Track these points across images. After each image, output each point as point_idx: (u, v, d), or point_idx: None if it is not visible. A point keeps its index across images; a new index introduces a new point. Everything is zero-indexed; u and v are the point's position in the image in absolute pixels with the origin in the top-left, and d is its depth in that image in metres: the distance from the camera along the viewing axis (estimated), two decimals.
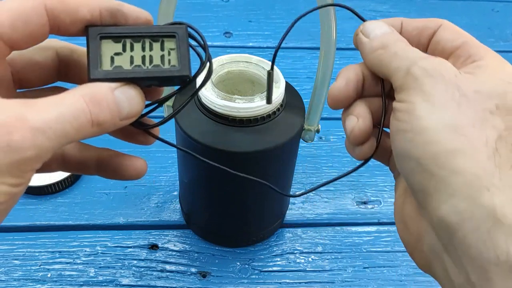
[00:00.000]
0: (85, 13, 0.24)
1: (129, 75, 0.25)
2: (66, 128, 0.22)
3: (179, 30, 0.26)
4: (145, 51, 0.25)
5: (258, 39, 0.75)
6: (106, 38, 0.25)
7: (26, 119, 0.20)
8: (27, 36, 0.23)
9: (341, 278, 0.47)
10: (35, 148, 0.21)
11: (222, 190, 0.44)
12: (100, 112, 0.23)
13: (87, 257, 0.47)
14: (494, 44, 0.79)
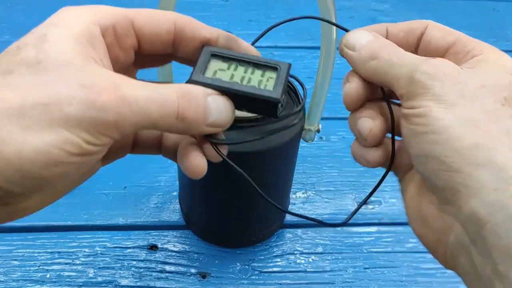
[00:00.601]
0: (206, 33, 0.27)
1: (224, 85, 0.26)
2: (151, 110, 0.23)
3: (283, 65, 0.28)
4: (246, 73, 0.27)
5: None
6: (217, 56, 0.27)
7: (119, 88, 0.22)
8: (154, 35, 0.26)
9: (342, 279, 0.47)
10: (118, 115, 0.22)
11: (222, 190, 0.43)
12: (188, 108, 0.24)
13: (86, 257, 0.47)
14: (495, 43, 0.77)
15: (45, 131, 0.21)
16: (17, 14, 0.76)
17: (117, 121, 0.22)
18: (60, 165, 0.22)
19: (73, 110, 0.21)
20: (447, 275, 0.48)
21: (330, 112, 0.64)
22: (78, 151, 0.22)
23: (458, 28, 0.31)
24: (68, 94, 0.21)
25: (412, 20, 0.30)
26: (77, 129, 0.21)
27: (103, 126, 0.22)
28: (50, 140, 0.21)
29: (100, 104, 0.22)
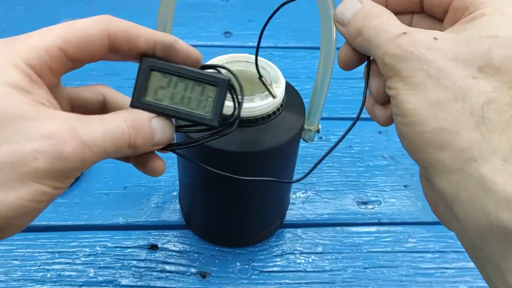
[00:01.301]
0: (142, 43, 0.27)
1: (166, 110, 0.28)
2: (108, 146, 0.25)
3: (222, 82, 0.28)
4: (186, 92, 0.28)
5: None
6: (156, 70, 0.28)
7: (78, 133, 0.23)
8: (88, 55, 0.26)
9: (341, 279, 0.47)
10: (81, 160, 0.23)
11: (222, 190, 0.43)
12: (138, 136, 0.26)
13: (86, 257, 0.47)
14: None
15: (16, 188, 0.22)
16: (18, 15, 0.76)
17: (81, 165, 0.24)
18: (33, 212, 0.23)
19: (40, 164, 0.22)
20: (446, 274, 0.48)
21: (330, 112, 0.64)
22: (48, 197, 0.23)
23: None
24: (32, 149, 0.22)
25: None
26: (46, 179, 0.23)
27: (69, 172, 0.24)
28: (22, 195, 0.22)
29: (66, 155, 0.23)
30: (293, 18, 0.80)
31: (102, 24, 0.26)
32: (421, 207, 0.54)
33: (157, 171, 0.30)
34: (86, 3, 0.79)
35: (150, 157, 0.30)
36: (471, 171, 0.23)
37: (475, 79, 0.23)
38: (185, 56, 0.28)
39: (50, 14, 0.76)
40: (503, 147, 0.22)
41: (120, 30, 0.27)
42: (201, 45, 0.73)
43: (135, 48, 0.27)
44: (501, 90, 0.23)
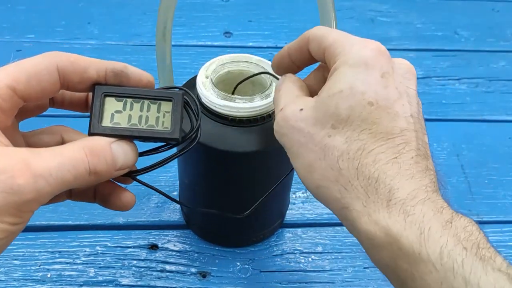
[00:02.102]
0: (93, 73, 0.27)
1: (125, 132, 0.28)
2: (66, 175, 0.24)
3: (176, 96, 0.29)
4: (142, 111, 0.28)
5: (258, 39, 0.75)
6: (110, 96, 0.28)
7: (30, 165, 0.23)
8: (39, 92, 0.26)
9: (341, 278, 0.47)
10: (36, 192, 0.23)
11: (222, 190, 0.44)
12: (98, 163, 0.26)
13: (87, 257, 0.47)
14: (494, 44, 0.79)
15: None
16: (18, 15, 0.76)
17: (37, 197, 0.23)
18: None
19: None
20: None
21: None
22: (5, 234, 0.23)
23: (458, 28, 0.32)
24: None
25: (406, 20, 0.31)
26: (1, 216, 0.22)
27: (24, 206, 0.23)
28: None
29: (18, 188, 0.22)
30: (293, 18, 0.80)
31: (50, 59, 0.26)
32: None
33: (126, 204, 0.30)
34: (86, 3, 0.79)
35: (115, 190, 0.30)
36: (347, 217, 0.27)
37: (330, 137, 0.27)
38: (137, 80, 0.28)
39: (50, 14, 0.76)
40: (360, 193, 0.26)
41: (69, 63, 0.26)
42: (201, 45, 0.73)
43: (87, 78, 0.27)
44: (351, 139, 0.27)
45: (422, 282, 0.24)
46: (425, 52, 0.76)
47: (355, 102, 0.27)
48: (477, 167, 0.59)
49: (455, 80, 0.72)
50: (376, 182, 0.26)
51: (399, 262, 0.24)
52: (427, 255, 0.23)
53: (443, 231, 0.24)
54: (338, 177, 0.27)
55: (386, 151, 0.26)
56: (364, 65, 0.27)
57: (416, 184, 0.26)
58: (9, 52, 0.68)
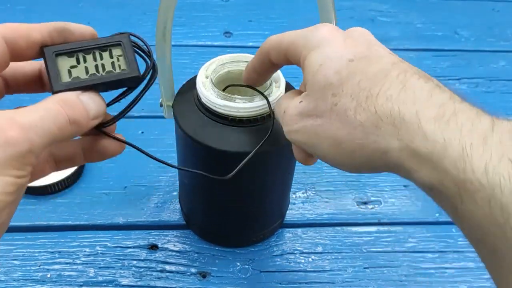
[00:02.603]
0: (37, 35, 0.28)
1: (87, 83, 0.28)
2: (50, 126, 0.25)
3: (124, 39, 0.30)
4: (96, 61, 0.29)
5: (258, 39, 0.75)
6: (61, 54, 0.28)
7: (16, 120, 0.24)
8: None
9: (341, 279, 0.47)
10: (29, 142, 0.24)
11: (222, 190, 0.43)
12: (74, 113, 0.26)
13: (86, 257, 0.47)
14: (495, 44, 0.79)
15: None
16: (18, 15, 0.76)
17: (31, 148, 0.24)
18: (6, 207, 0.24)
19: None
20: (446, 274, 0.48)
21: None
22: (14, 188, 0.24)
23: (458, 27, 0.32)
24: None
25: (407, 19, 0.32)
26: (5, 170, 0.23)
27: (23, 157, 0.24)
28: None
29: (12, 140, 0.23)
30: (293, 18, 0.80)
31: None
32: (421, 207, 0.54)
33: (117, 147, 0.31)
34: (86, 3, 0.79)
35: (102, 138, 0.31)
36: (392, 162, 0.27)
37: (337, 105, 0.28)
38: (80, 34, 0.29)
39: (50, 14, 0.76)
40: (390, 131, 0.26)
41: (11, 30, 0.27)
42: (201, 45, 0.73)
43: (33, 42, 0.28)
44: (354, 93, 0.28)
45: (471, 201, 0.23)
46: (425, 52, 0.76)
47: (338, 66, 0.28)
48: None
49: (455, 80, 0.72)
50: (399, 114, 0.26)
51: (446, 184, 0.24)
52: (473, 172, 0.23)
53: (485, 144, 0.23)
54: (364, 132, 0.27)
55: (391, 86, 0.27)
56: (325, 40, 0.30)
57: (439, 99, 0.26)
58: None
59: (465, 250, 0.50)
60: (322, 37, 0.30)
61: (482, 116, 0.25)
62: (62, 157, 0.31)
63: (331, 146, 0.29)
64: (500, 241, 0.23)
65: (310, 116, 0.30)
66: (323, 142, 0.29)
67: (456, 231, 0.52)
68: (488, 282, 0.47)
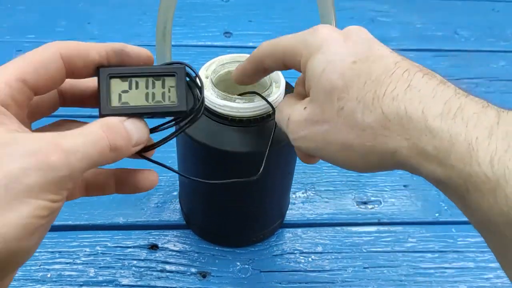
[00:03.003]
0: (95, 55, 0.28)
1: (135, 110, 0.28)
2: (91, 151, 0.25)
3: (178, 70, 0.30)
4: (148, 89, 0.29)
5: (258, 39, 0.75)
6: (115, 77, 0.28)
7: (60, 144, 0.24)
8: (48, 81, 0.27)
9: (341, 278, 0.47)
10: (69, 167, 0.24)
11: (222, 190, 0.43)
12: (116, 139, 0.26)
13: (87, 257, 0.47)
14: (494, 44, 0.79)
15: (15, 208, 0.23)
16: (18, 15, 0.76)
17: (70, 173, 0.24)
18: (37, 230, 0.24)
19: (32, 179, 0.23)
20: (446, 274, 0.48)
21: None
22: (48, 212, 0.24)
23: (458, 28, 0.32)
24: (21, 167, 0.23)
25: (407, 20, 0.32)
26: (42, 193, 0.23)
27: (61, 182, 0.24)
28: (22, 214, 0.23)
29: (53, 164, 0.23)
30: (294, 18, 0.80)
31: (52, 47, 0.27)
32: (421, 207, 0.54)
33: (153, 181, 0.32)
34: (86, 3, 0.79)
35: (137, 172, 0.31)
36: (402, 161, 0.27)
37: (343, 109, 0.28)
38: (137, 57, 0.29)
39: (50, 14, 0.76)
40: (399, 131, 0.26)
41: (71, 48, 0.27)
42: (201, 45, 0.73)
43: (90, 62, 0.28)
44: (360, 96, 0.27)
45: (477, 192, 0.24)
46: (425, 52, 0.76)
47: (341, 69, 0.28)
48: None
49: (455, 80, 0.71)
50: (406, 113, 0.26)
51: (453, 178, 0.24)
52: (478, 165, 0.23)
53: (491, 137, 0.24)
54: (373, 133, 0.27)
55: (397, 86, 0.27)
56: (325, 43, 0.29)
57: (444, 95, 0.26)
58: (9, 52, 0.68)
59: (465, 250, 0.50)
60: (322, 39, 0.30)
61: (487, 109, 0.25)
62: (93, 185, 0.31)
63: (341, 150, 0.29)
64: (505, 228, 0.23)
65: (317, 122, 0.29)
66: (332, 147, 0.29)
67: (456, 231, 0.52)
68: (488, 282, 0.47)
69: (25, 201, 0.23)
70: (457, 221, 0.53)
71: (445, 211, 0.54)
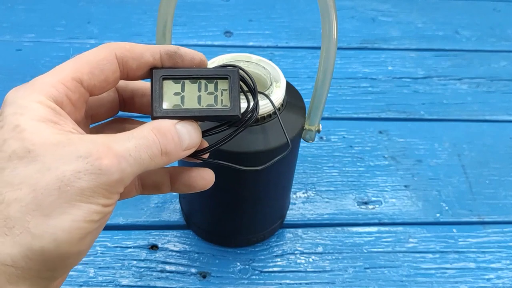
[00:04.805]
0: (149, 57, 0.28)
1: (186, 113, 0.28)
2: (142, 155, 0.25)
3: (232, 73, 0.29)
4: (201, 91, 0.29)
5: (259, 38, 0.75)
6: (168, 79, 0.28)
7: (112, 148, 0.24)
8: (103, 81, 0.27)
9: (342, 279, 0.47)
10: (120, 171, 0.24)
11: (222, 190, 0.43)
12: (167, 143, 0.26)
13: (86, 257, 0.47)
14: (496, 44, 0.79)
15: (68, 212, 0.23)
16: (18, 14, 0.76)
17: (121, 177, 0.24)
18: (89, 234, 0.24)
19: (84, 183, 0.23)
20: (447, 275, 0.48)
21: (330, 112, 0.64)
22: (100, 216, 0.24)
23: (459, 27, 0.32)
24: (73, 170, 0.23)
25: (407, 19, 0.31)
26: (93, 197, 0.23)
27: (112, 186, 0.24)
28: (75, 217, 0.23)
29: (105, 169, 0.23)
30: (294, 18, 0.80)
31: (107, 48, 0.27)
32: (422, 207, 0.54)
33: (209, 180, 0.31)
34: (86, 3, 0.79)
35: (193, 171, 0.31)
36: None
37: None
38: (190, 60, 0.29)
39: (50, 14, 0.76)
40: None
41: (125, 50, 0.27)
42: (201, 44, 0.73)
43: (144, 63, 0.28)
44: None
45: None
46: (426, 52, 0.76)
47: None
48: (478, 167, 0.59)
49: (456, 80, 0.72)
50: None
51: None
52: None
53: None
54: None
55: None
56: None
57: None
58: (9, 51, 0.68)
59: (466, 250, 0.50)
60: None
61: None
62: (149, 183, 0.31)
63: None
64: None
65: None
66: None
67: (457, 232, 0.52)
68: (489, 282, 0.47)
69: (77, 205, 0.23)
70: (458, 221, 0.53)
71: (446, 211, 0.54)
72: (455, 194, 0.56)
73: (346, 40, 0.76)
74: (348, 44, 0.75)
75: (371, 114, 0.65)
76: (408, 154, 0.60)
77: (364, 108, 0.66)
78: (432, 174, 0.58)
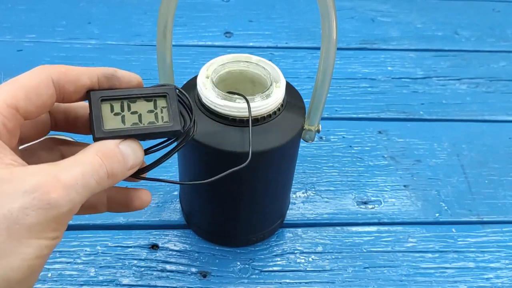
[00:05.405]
0: (86, 80, 0.28)
1: (128, 132, 0.28)
2: (90, 182, 0.25)
3: (170, 91, 0.30)
4: (140, 110, 0.29)
5: (259, 39, 0.75)
6: (106, 100, 0.28)
7: (59, 179, 0.23)
8: (39, 106, 0.26)
9: (342, 278, 0.47)
10: (70, 202, 0.23)
11: (222, 190, 0.44)
12: (113, 165, 0.26)
13: (87, 256, 0.47)
14: (495, 44, 0.79)
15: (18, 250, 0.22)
16: (18, 14, 0.76)
17: (71, 208, 0.24)
18: (39, 268, 0.24)
19: (33, 219, 0.22)
20: (446, 274, 0.48)
21: (330, 112, 0.64)
22: (49, 250, 0.23)
23: (459, 28, 0.32)
24: (20, 207, 0.22)
25: (407, 20, 0.31)
26: (43, 232, 0.23)
27: (62, 218, 0.23)
28: (25, 256, 0.22)
29: (54, 202, 0.23)
30: (294, 18, 0.80)
31: (43, 72, 0.26)
32: (421, 207, 0.54)
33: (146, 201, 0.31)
34: (86, 3, 0.79)
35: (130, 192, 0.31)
36: None
37: None
38: (127, 82, 0.29)
39: (50, 14, 0.76)
40: None
41: (61, 73, 0.27)
42: (201, 45, 0.73)
43: (81, 86, 0.28)
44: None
45: None
46: (425, 52, 0.76)
47: None
48: (477, 167, 0.59)
49: (455, 80, 0.72)
50: None
51: None
52: None
53: None
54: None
55: None
56: None
57: None
58: (10, 52, 0.68)
59: (465, 250, 0.50)
60: None
61: None
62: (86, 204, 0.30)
63: None
64: None
65: None
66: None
67: (456, 231, 0.52)
68: (488, 282, 0.48)
69: (27, 242, 0.22)
70: (457, 221, 0.53)
71: (445, 211, 0.54)
72: (455, 194, 0.56)
73: (346, 41, 0.76)
74: (348, 44, 0.75)
75: (370, 114, 0.65)
76: (407, 154, 0.60)
77: (363, 108, 0.66)
78: (432, 174, 0.58)
